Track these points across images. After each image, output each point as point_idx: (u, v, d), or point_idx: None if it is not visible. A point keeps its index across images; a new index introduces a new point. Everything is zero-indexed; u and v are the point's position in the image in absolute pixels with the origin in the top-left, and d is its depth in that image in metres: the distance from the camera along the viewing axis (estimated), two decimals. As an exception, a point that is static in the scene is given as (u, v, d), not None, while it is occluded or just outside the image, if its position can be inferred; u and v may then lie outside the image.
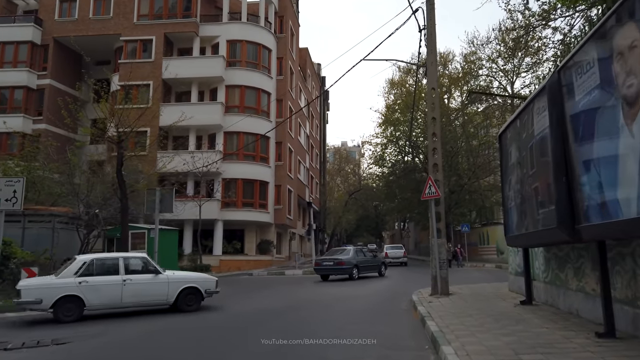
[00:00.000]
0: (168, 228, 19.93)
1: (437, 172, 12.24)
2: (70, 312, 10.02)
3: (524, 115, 8.44)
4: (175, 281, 11.41)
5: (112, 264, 10.89)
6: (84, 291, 10.14)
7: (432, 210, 11.93)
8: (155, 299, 11.18)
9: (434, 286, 11.87)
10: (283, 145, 34.43)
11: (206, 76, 31.37)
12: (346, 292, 15.16)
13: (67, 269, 10.51)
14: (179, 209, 28.53)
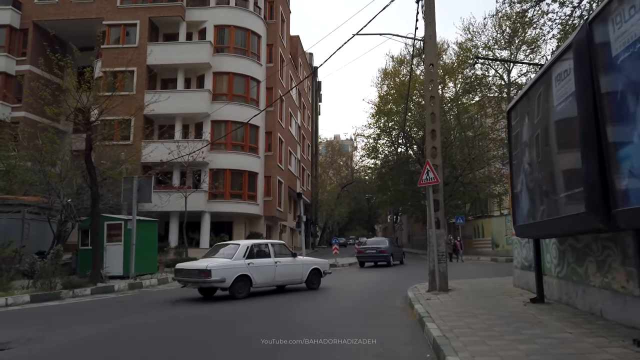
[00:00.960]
0: (147, 219, 18.58)
1: (435, 156, 11.03)
2: (242, 289, 11.43)
3: (540, 85, 7.23)
4: (307, 263, 13.23)
5: (264, 248, 12.37)
6: (251, 271, 11.60)
7: (430, 198, 10.73)
8: (294, 278, 12.80)
9: (431, 281, 10.69)
10: (273, 135, 33.09)
11: (193, 62, 29.92)
12: (331, 288, 13.96)
13: (237, 252, 11.62)
14: (163, 200, 27.33)
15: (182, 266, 12.19)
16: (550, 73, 6.77)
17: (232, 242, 13.89)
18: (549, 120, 6.84)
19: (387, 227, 73.15)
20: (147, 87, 30.30)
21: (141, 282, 15.01)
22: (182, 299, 12.13)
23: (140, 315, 9.41)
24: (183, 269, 11.89)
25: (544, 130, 6.99)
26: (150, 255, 17.76)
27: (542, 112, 7.19)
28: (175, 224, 28.97)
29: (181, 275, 11.80)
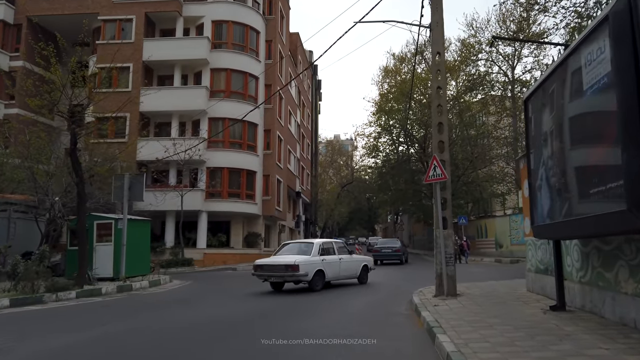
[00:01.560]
0: (139, 218, 17.79)
1: (443, 150, 10.23)
2: (318, 283, 12.67)
3: (564, 69, 6.43)
4: (360, 260, 15.00)
5: (329, 246, 13.76)
6: (325, 267, 12.92)
7: (437, 196, 9.93)
8: (351, 274, 14.26)
9: (438, 285, 9.89)
10: (272, 133, 32.28)
11: (190, 58, 29.12)
12: (331, 291, 13.16)
13: (313, 250, 12.93)
14: (159, 199, 26.55)
15: (264, 262, 13.23)
16: (578, 54, 5.97)
17: (303, 240, 16.14)
18: (577, 107, 6.04)
19: (387, 227, 72.34)
20: (143, 83, 29.48)
21: (131, 285, 14.21)
22: (171, 302, 11.35)
23: (125, 322, 8.61)
24: (265, 264, 12.97)
25: (571, 120, 6.19)
26: (142, 256, 16.96)
27: (567, 99, 6.39)
28: (171, 223, 28.17)
29: (263, 270, 12.85)
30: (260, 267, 12.93)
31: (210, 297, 12.43)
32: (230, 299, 11.92)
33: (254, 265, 13.26)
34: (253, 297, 12.17)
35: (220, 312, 9.68)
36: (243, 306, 10.38)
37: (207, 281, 17.77)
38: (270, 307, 10.12)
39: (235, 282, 17.21)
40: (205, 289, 14.66)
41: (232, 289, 14.46)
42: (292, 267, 12.08)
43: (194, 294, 13.30)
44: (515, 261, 23.80)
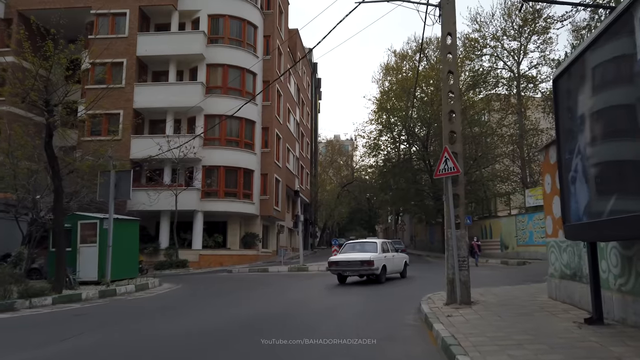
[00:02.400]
0: (127, 218, 16.68)
1: (455, 142, 9.12)
2: (383, 276, 14.76)
3: (608, 39, 5.31)
4: (402, 257, 17.12)
5: (386, 246, 16.00)
6: (386, 262, 15.03)
7: (448, 192, 8.81)
8: (398, 269, 16.35)
9: (450, 292, 8.76)
10: (270, 131, 31.17)
11: (185, 53, 28.04)
12: (331, 297, 12.04)
13: (378, 248, 15.24)
14: (152, 198, 25.44)
15: (338, 259, 15.09)
16: (630, 18, 4.84)
17: (367, 240, 18.68)
18: (629, 83, 4.91)
19: (387, 228, 71.21)
20: (137, 79, 28.41)
21: (115, 289, 13.08)
22: (156, 309, 10.23)
23: (98, 334, 7.50)
24: (340, 261, 14.86)
25: (620, 98, 5.06)
26: (130, 258, 15.86)
27: (614, 75, 5.27)
28: (166, 223, 27.06)
29: (338, 266, 14.83)
30: (336, 264, 14.90)
31: (199, 303, 11.31)
32: (222, 305, 10.80)
33: (329, 262, 15.26)
34: (245, 302, 11.06)
35: (208, 321, 8.56)
36: (233, 314, 9.26)
37: (200, 284, 16.65)
38: (260, 316, 8.99)
39: (229, 285, 16.08)
40: (195, 294, 13.55)
41: (225, 293, 13.34)
42: (368, 263, 14.25)
43: (183, 300, 12.18)
44: (522, 263, 22.66)
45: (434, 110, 32.35)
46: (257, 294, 13.17)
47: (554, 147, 8.44)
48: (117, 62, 28.12)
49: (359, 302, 10.47)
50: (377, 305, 10.14)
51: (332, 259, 15.16)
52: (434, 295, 10.12)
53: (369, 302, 10.57)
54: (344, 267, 14.65)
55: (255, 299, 11.96)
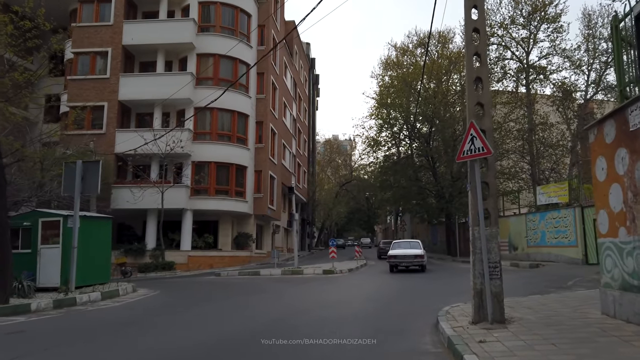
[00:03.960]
0: (97, 215, 14.67)
1: (483, 116, 7.15)
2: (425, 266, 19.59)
3: None
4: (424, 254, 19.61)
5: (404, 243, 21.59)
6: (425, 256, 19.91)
7: (475, 179, 6.83)
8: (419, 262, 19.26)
9: (478, 307, 6.78)
10: (264, 126, 29.18)
11: (174, 43, 26.05)
12: (326, 309, 10.05)
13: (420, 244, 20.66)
14: (136, 195, 23.44)
15: (396, 253, 19.37)
16: None
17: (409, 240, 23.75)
18: None
19: (387, 228, 69.21)
20: (123, 70, 26.42)
21: (75, 298, 11.07)
22: (116, 325, 8.21)
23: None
24: (398, 254, 19.23)
25: None
26: (100, 261, 13.84)
27: None
28: (153, 223, 25.02)
29: (396, 259, 19.18)
30: (394, 257, 19.27)
31: (169, 316, 9.32)
32: (194, 319, 8.80)
33: (389, 255, 19.66)
34: (223, 317, 9.07)
35: (171, 343, 6.59)
36: (203, 335, 7.27)
37: (180, 290, 14.66)
38: (237, 339, 7.01)
39: (213, 291, 14.08)
40: (170, 303, 11.54)
41: (204, 302, 11.34)
42: (420, 257, 19.03)
43: (153, 311, 10.18)
44: (535, 265, 20.71)
45: (436, 106, 30.44)
46: (241, 304, 11.18)
47: (611, 122, 6.46)
48: (101, 51, 26.20)
49: (359, 318, 8.48)
50: (384, 321, 8.14)
51: (391, 253, 19.52)
52: (452, 309, 8.12)
53: (372, 318, 8.57)
54: (401, 259, 19.12)
55: (236, 311, 9.98)
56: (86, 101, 26.06)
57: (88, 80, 26.06)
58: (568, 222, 21.15)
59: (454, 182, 29.83)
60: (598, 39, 26.49)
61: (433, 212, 32.47)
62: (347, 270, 19.67)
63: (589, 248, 19.96)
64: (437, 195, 30.81)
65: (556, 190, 22.41)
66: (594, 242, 19.65)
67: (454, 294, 11.44)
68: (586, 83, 26.82)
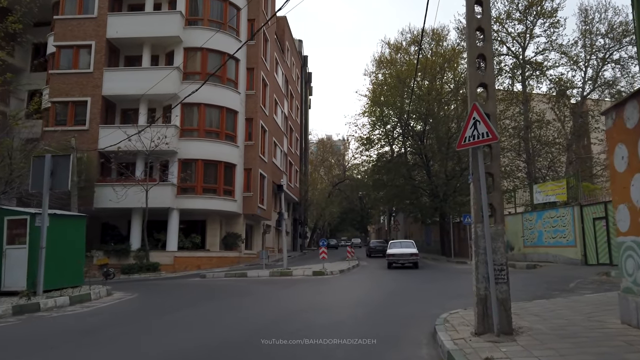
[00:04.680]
0: (70, 214, 13.69)
1: (487, 99, 6.29)
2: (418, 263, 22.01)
3: None
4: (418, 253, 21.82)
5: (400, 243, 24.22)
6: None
7: (479, 170, 5.96)
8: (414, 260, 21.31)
9: (481, 316, 5.90)
10: (254, 123, 28.21)
11: (161, 36, 25.06)
12: (314, 316, 9.14)
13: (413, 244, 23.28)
14: (119, 194, 22.45)
15: (393, 252, 21.59)
16: None
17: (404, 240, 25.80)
18: None
19: (380, 228, 68.39)
20: (108, 64, 25.38)
21: (38, 303, 10.08)
22: (75, 334, 7.23)
23: None
24: (395, 253, 21.42)
25: None
26: (72, 263, 12.84)
27: None
28: (138, 222, 23.99)
29: (394, 257, 21.35)
30: (392, 255, 21.43)
31: (139, 324, 8.37)
32: (166, 328, 7.87)
33: (387, 254, 22.04)
34: (200, 325, 8.14)
35: (128, 358, 5.66)
36: (171, 346, 6.34)
37: (160, 293, 13.69)
38: (209, 354, 6.08)
39: (194, 294, 13.12)
40: (144, 308, 10.58)
41: (182, 307, 10.38)
42: (415, 255, 21.14)
43: (123, 318, 9.22)
44: (532, 266, 19.93)
45: (430, 103, 29.65)
46: (222, 308, 10.25)
47: (634, 104, 5.61)
48: (85, 44, 25.17)
49: (346, 326, 7.56)
50: (375, 330, 7.23)
51: (389, 252, 21.86)
52: (451, 316, 7.24)
53: (362, 325, 7.66)
54: (398, 257, 21.33)
55: (216, 317, 9.04)
56: (69, 96, 25.10)
57: (71, 74, 25.05)
58: (566, 221, 20.40)
59: (448, 180, 29.05)
60: (595, 35, 25.85)
61: (427, 212, 31.67)
62: (338, 272, 18.76)
63: (588, 248, 19.21)
64: (431, 194, 30.02)
65: (554, 189, 21.66)
66: (593, 242, 18.91)
67: (451, 297, 10.58)
68: (583, 80, 26.15)
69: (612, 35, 25.02)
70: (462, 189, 28.97)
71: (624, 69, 24.97)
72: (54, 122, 24.90)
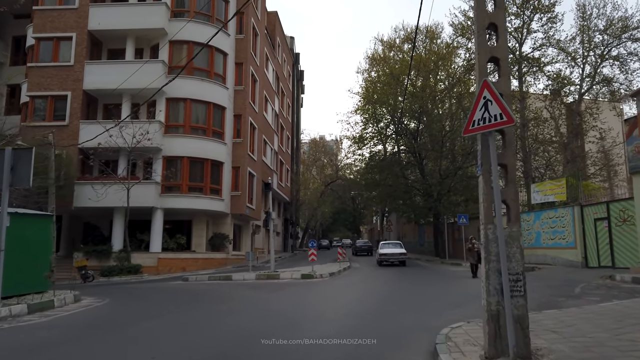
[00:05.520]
0: (34, 213, 12.49)
1: (499, 76, 5.25)
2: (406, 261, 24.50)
3: None
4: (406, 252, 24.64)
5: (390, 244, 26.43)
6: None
7: (490, 159, 4.90)
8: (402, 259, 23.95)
9: (493, 336, 4.84)
10: (243, 119, 27.08)
11: (145, 28, 23.87)
12: (295, 330, 8.06)
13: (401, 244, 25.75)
14: (99, 192, 21.24)
15: (385, 252, 23.94)
16: None
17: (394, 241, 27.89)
18: None
19: (373, 229, 67.42)
20: (89, 57, 24.16)
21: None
22: (23, 352, 6.08)
23: None
24: (386, 253, 23.82)
25: None
26: (37, 266, 11.66)
27: None
28: (120, 222, 22.77)
29: (385, 256, 23.69)
30: (384, 254, 23.72)
31: (97, 341, 7.25)
32: (123, 345, 6.76)
33: (379, 254, 24.18)
34: (165, 340, 7.03)
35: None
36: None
37: (134, 299, 12.54)
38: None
39: (170, 301, 11.98)
40: (108, 319, 9.45)
41: (151, 317, 9.26)
42: (404, 254, 23.70)
43: (77, 331, 8.09)
44: (530, 269, 18.94)
45: (424, 99, 28.70)
46: (190, 320, 9.14)
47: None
48: (65, 36, 23.92)
49: (330, 347, 6.48)
50: (364, 349, 6.15)
51: (381, 252, 24.17)
52: (453, 332, 6.18)
53: (349, 344, 6.57)
54: (389, 257, 23.62)
55: (180, 331, 7.93)
56: (48, 90, 23.85)
57: (50, 67, 23.81)
58: (566, 221, 19.47)
59: (443, 179, 28.10)
60: (593, 31, 25.00)
61: (420, 212, 30.71)
62: (328, 275, 17.68)
63: (589, 250, 18.28)
64: (425, 193, 29.06)
65: (552, 188, 20.73)
66: (594, 244, 17.99)
67: (450, 306, 9.56)
68: (581, 77, 25.27)
69: (610, 31, 24.18)
70: (456, 189, 28.05)
71: (623, 65, 24.13)
72: (33, 117, 23.63)
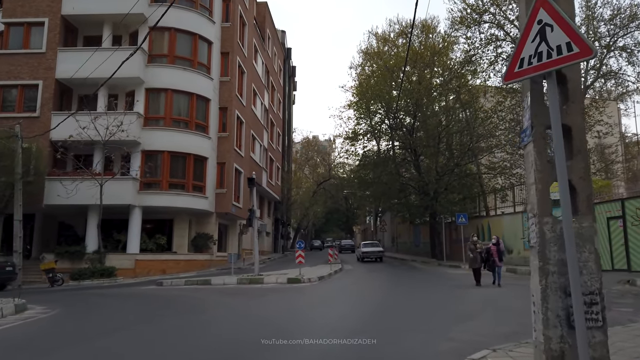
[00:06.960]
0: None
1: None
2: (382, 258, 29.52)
3: None
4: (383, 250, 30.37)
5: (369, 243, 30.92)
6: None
7: (552, 116, 3.16)
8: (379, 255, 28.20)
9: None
10: (229, 112, 25.25)
11: (123, 13, 21.78)
12: (263, 356, 6.27)
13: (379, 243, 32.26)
14: (68, 188, 19.34)
15: (365, 250, 28.11)
16: None
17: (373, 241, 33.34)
18: None
19: (366, 229, 65.69)
20: (63, 43, 22.27)
21: None
22: None
23: None
24: (367, 251, 27.85)
25: None
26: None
27: None
28: (94, 221, 20.82)
29: (366, 254, 27.66)
30: (366, 253, 27.76)
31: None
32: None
33: (362, 252, 28.15)
34: None
35: None
36: None
37: (88, 310, 10.70)
38: None
39: (131, 312, 10.15)
40: (42, 337, 7.63)
41: (95, 338, 7.45)
42: (381, 252, 28.44)
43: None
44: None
45: (420, 93, 27.03)
46: (141, 340, 7.33)
47: None
48: (36, 22, 22.04)
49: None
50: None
51: (363, 250, 28.22)
52: None
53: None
54: (369, 254, 27.57)
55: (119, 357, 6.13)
56: (18, 79, 21.95)
57: (20, 54, 21.95)
58: (574, 221, 17.82)
59: (440, 177, 26.42)
60: (597, 21, 23.42)
61: (416, 211, 29.02)
62: (317, 279, 15.88)
63: (601, 252, 16.62)
64: (421, 191, 27.37)
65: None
66: (607, 245, 16.37)
67: (457, 319, 7.79)
68: (585, 69, 23.67)
69: (617, 20, 22.61)
70: (454, 187, 26.37)
71: (630, 56, 22.56)
72: (2, 108, 21.72)
